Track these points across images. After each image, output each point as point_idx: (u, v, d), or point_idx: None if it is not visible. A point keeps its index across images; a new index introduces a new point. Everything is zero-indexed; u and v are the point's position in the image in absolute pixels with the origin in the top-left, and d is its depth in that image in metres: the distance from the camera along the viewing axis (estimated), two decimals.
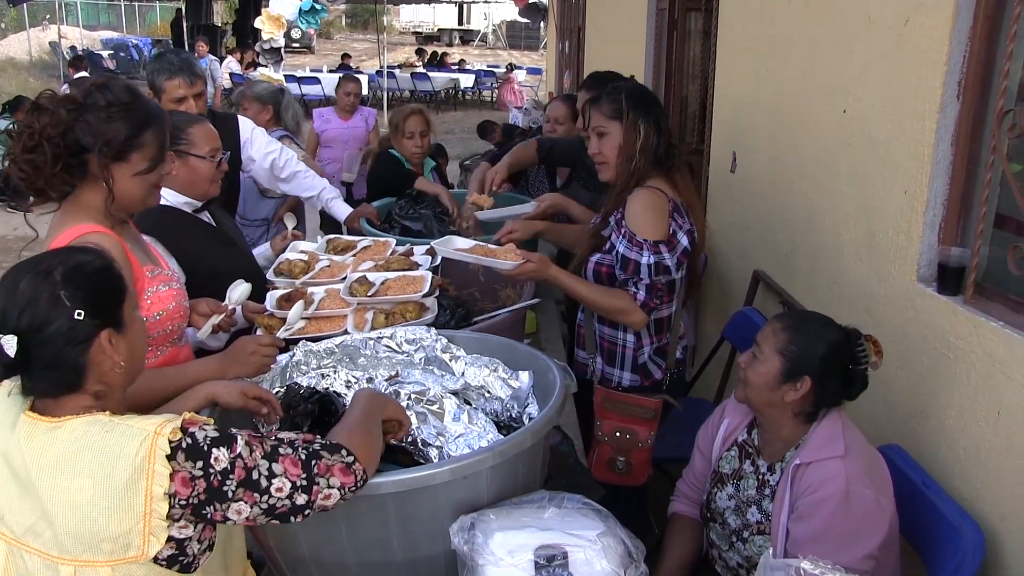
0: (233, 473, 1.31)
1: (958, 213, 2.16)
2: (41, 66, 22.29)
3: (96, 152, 1.76)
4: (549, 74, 14.20)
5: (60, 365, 1.32)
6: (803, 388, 1.90)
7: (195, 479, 1.29)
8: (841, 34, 2.69)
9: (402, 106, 4.31)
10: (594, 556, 1.48)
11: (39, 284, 1.31)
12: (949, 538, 1.86)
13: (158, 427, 1.30)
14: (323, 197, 3.61)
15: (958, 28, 2.06)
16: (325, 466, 1.39)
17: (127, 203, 1.88)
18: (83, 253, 1.41)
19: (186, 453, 1.29)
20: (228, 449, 1.32)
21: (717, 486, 2.12)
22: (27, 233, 1.91)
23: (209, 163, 2.46)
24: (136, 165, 1.83)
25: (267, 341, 1.98)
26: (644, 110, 2.48)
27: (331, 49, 29.68)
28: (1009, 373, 1.87)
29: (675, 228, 2.46)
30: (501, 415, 1.96)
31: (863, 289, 2.54)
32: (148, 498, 1.26)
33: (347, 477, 1.41)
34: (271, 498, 1.34)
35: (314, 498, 1.38)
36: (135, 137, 1.81)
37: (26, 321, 1.29)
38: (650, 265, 2.40)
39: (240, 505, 1.32)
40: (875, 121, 2.46)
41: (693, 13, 5.42)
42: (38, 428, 1.32)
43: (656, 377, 2.63)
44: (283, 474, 1.35)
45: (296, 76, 16.72)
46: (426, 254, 2.77)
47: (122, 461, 1.26)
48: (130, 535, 1.27)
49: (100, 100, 1.78)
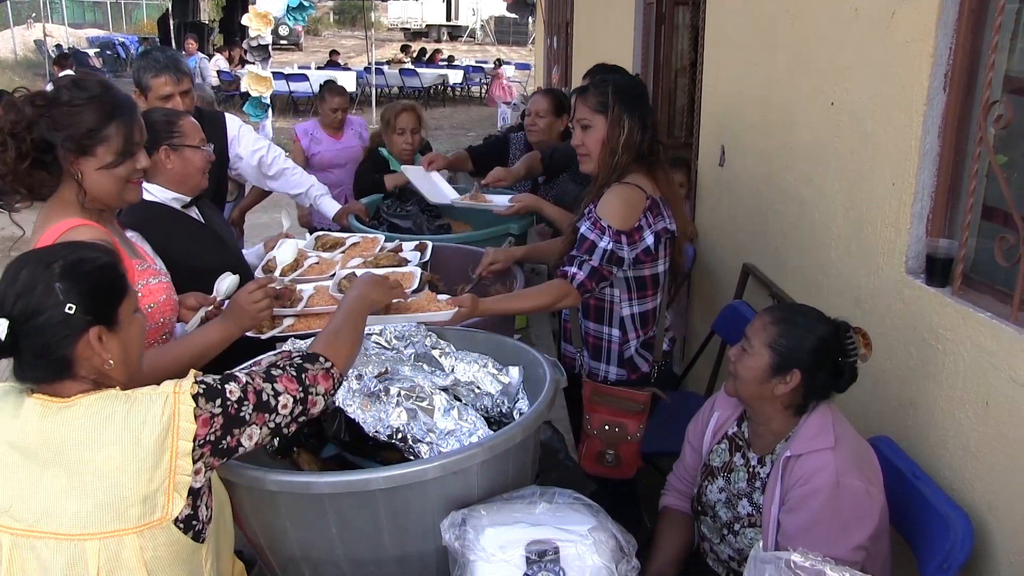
0: (247, 399, 1.41)
1: (946, 205, 2.16)
2: (26, 64, 22.14)
3: (60, 146, 1.76)
4: (538, 69, 14.20)
5: (47, 355, 1.34)
6: (793, 381, 1.90)
7: (214, 416, 1.36)
8: (828, 27, 2.69)
9: (394, 102, 4.30)
10: (585, 551, 1.48)
11: (38, 274, 1.35)
12: (938, 528, 1.87)
13: (175, 387, 1.36)
14: (311, 194, 3.60)
15: (944, 20, 2.06)
16: (312, 376, 1.52)
17: (99, 198, 1.86)
18: (90, 249, 1.44)
19: (206, 396, 1.37)
20: (235, 383, 1.42)
21: (708, 479, 2.12)
22: (14, 232, 1.91)
23: (202, 153, 2.45)
24: (102, 158, 1.82)
25: (264, 281, 2.03)
26: (630, 105, 2.47)
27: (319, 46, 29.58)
28: (997, 364, 1.88)
29: (643, 225, 2.46)
30: (491, 411, 1.96)
31: (852, 281, 2.55)
32: (174, 455, 1.32)
33: (327, 382, 1.54)
34: (278, 416, 1.45)
35: (309, 407, 1.51)
36: (98, 130, 1.80)
37: (19, 308, 1.33)
38: (605, 250, 2.41)
39: (252, 429, 1.42)
40: (863, 114, 2.46)
41: (681, 7, 5.43)
42: (50, 408, 1.34)
43: (643, 370, 2.64)
44: (285, 391, 1.47)
45: (284, 73, 16.68)
46: (415, 250, 2.77)
47: (148, 425, 1.31)
48: (157, 495, 1.31)
49: (65, 95, 1.78)
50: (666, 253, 2.58)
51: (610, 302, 2.58)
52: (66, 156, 1.78)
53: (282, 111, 16.68)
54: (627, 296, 2.56)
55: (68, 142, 1.77)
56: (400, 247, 2.81)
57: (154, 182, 2.38)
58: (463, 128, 15.51)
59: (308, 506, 1.59)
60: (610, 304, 2.58)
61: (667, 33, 5.52)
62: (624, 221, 2.43)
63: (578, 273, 2.42)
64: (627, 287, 2.56)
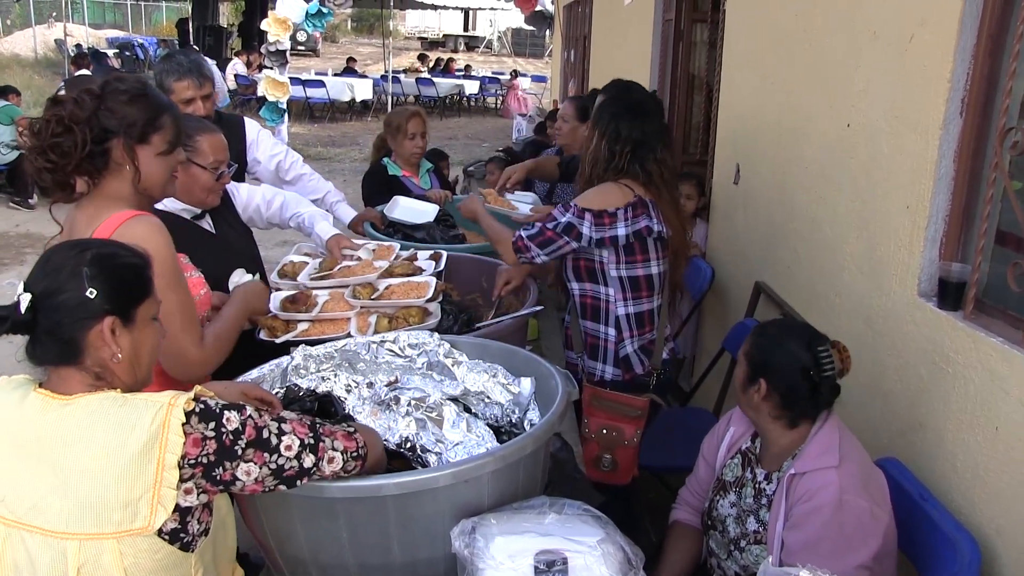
0: (244, 432, 1.38)
1: (959, 228, 2.17)
2: (46, 63, 22.33)
3: (121, 134, 1.82)
4: (554, 82, 14.26)
5: (59, 334, 1.37)
6: (762, 391, 1.94)
7: (206, 439, 1.34)
8: (846, 48, 2.71)
9: (397, 109, 4.36)
10: (594, 562, 1.48)
11: (69, 256, 1.39)
12: (945, 551, 1.87)
13: (172, 398, 1.35)
14: (328, 200, 3.62)
15: (962, 46, 2.07)
16: (329, 430, 1.49)
17: (151, 186, 1.92)
18: (126, 250, 1.48)
19: (199, 416, 1.35)
20: (239, 412, 1.39)
21: (719, 494, 2.13)
22: (30, 230, 1.95)
23: (209, 174, 2.45)
24: (158, 146, 1.89)
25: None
26: (608, 119, 2.59)
27: (336, 53, 29.73)
28: (1007, 389, 1.88)
29: (618, 212, 2.52)
30: (501, 420, 1.97)
31: (864, 302, 2.55)
32: (160, 466, 1.31)
33: (349, 442, 1.51)
34: (280, 457, 1.41)
35: (320, 456, 1.46)
36: (155, 119, 1.87)
37: (44, 284, 1.36)
38: (561, 222, 2.52)
39: (250, 466, 1.38)
40: (878, 136, 2.48)
41: (699, 24, 5.45)
42: (50, 404, 1.35)
43: (637, 371, 2.67)
44: (291, 432, 1.43)
45: (301, 79, 16.78)
46: (430, 259, 2.79)
47: (137, 430, 1.31)
48: (139, 503, 1.30)
49: (119, 87, 1.85)
50: (659, 255, 2.62)
51: (605, 301, 2.65)
52: (126, 144, 1.83)
53: (298, 116, 16.77)
54: (621, 296, 2.63)
55: (130, 129, 1.83)
56: (415, 256, 2.83)
57: None
58: (478, 139, 15.55)
59: (319, 510, 1.60)
60: (605, 303, 2.65)
61: (685, 50, 5.54)
62: (591, 203, 2.54)
63: (522, 233, 2.58)
64: (620, 286, 2.62)
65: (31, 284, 1.37)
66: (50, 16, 25.81)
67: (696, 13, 5.48)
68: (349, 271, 2.66)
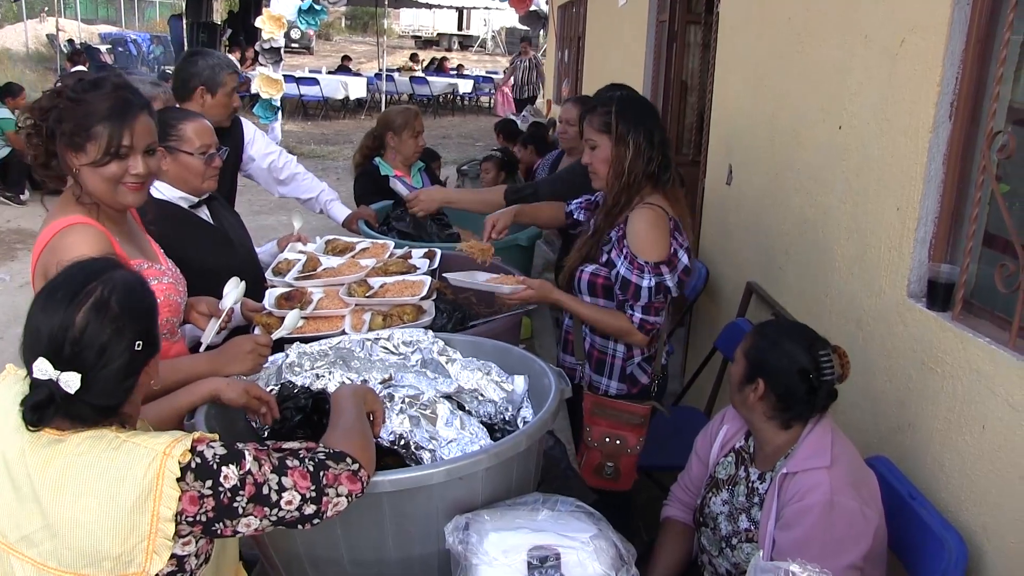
0: (243, 490, 1.32)
1: (948, 230, 2.20)
2: (37, 58, 22.20)
3: (58, 138, 1.79)
4: (547, 82, 14.24)
5: (113, 395, 1.31)
6: (759, 390, 1.95)
7: (203, 497, 1.29)
8: (838, 52, 2.73)
9: (396, 106, 4.34)
10: (586, 558, 1.50)
11: (100, 319, 1.29)
12: (933, 549, 1.89)
13: (167, 447, 1.29)
14: (321, 199, 3.63)
15: (951, 50, 2.10)
16: (333, 476, 1.40)
17: (92, 194, 1.84)
18: (117, 268, 1.39)
19: (195, 473, 1.29)
20: (237, 466, 1.32)
21: (712, 491, 2.15)
22: (21, 226, 1.96)
23: (198, 159, 2.45)
24: (91, 155, 1.79)
25: (264, 341, 1.99)
26: (634, 123, 2.46)
27: (330, 50, 29.68)
28: (994, 388, 1.91)
29: (676, 247, 2.46)
30: (494, 418, 1.98)
31: (854, 302, 2.58)
32: (155, 519, 1.27)
33: (354, 484, 1.43)
34: (280, 511, 1.36)
35: (324, 508, 1.39)
36: (87, 127, 1.77)
37: (91, 357, 1.28)
38: (650, 288, 2.42)
39: (250, 519, 1.34)
40: (869, 138, 2.50)
41: (693, 26, 5.48)
42: (40, 440, 1.30)
43: (643, 383, 2.66)
44: (293, 487, 1.36)
45: (295, 76, 16.74)
46: (424, 258, 2.80)
47: (128, 482, 1.26)
48: (133, 552, 1.27)
49: (69, 90, 1.79)
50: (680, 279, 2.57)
51: None
52: (62, 149, 1.79)
53: (291, 114, 16.73)
54: None
55: (63, 136, 1.78)
56: (409, 254, 2.84)
57: (160, 180, 2.40)
58: (471, 138, 15.54)
59: None
60: None
61: (678, 51, 5.56)
62: (658, 250, 2.42)
63: (634, 315, 2.46)
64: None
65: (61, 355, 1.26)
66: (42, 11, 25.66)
67: (690, 15, 5.50)
68: (334, 271, 2.67)
